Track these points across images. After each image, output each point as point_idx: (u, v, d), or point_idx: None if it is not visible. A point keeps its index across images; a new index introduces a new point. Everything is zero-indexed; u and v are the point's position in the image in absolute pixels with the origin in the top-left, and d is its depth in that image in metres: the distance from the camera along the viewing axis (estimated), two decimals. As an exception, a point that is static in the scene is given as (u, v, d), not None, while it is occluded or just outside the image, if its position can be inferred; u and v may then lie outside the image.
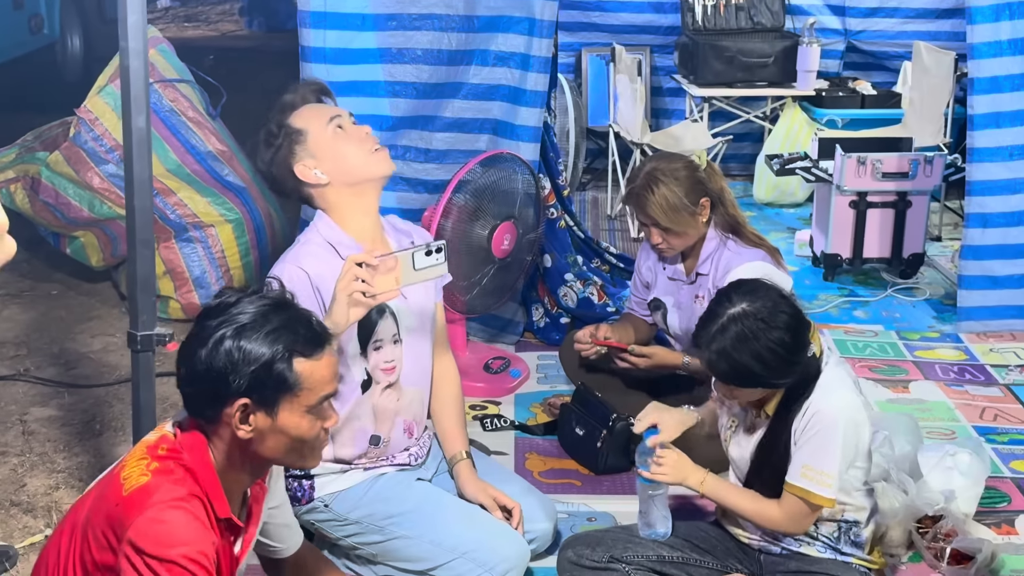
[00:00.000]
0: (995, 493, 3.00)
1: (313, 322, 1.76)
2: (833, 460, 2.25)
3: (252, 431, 1.70)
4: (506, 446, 3.26)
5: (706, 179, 3.08)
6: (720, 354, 2.22)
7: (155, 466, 1.67)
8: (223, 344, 1.67)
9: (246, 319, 1.70)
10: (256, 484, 1.84)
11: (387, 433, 2.53)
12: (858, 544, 2.40)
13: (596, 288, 4.13)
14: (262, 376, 1.68)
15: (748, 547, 2.47)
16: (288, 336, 1.70)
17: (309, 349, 1.72)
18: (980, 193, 4.03)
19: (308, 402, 1.72)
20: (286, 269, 2.39)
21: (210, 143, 4.16)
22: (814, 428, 2.26)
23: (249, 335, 1.68)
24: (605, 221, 5.58)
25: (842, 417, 2.27)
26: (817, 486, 2.26)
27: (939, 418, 3.46)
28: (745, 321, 2.21)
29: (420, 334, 2.56)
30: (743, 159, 6.35)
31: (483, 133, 3.88)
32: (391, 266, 2.26)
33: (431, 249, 2.31)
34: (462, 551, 2.42)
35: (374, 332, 2.46)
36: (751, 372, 2.22)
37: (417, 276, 2.31)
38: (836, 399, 2.28)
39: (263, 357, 1.68)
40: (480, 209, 3.49)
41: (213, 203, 4.13)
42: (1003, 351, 4.00)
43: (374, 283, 2.23)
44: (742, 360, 2.21)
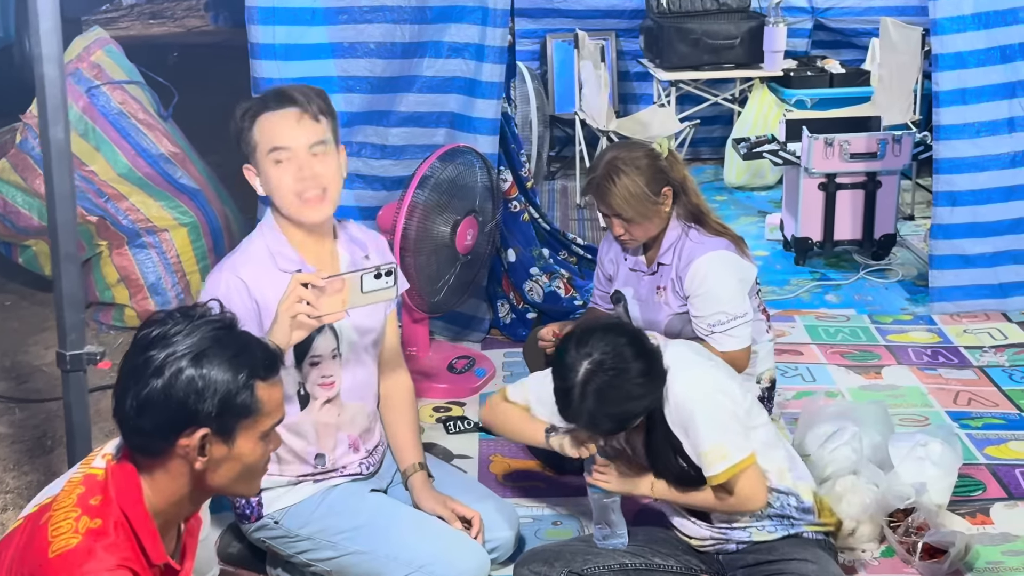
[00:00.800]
0: (969, 481, 2.94)
1: (266, 344, 1.70)
2: (721, 427, 2.25)
3: (207, 462, 1.62)
4: (470, 449, 3.18)
5: (668, 168, 2.99)
6: (597, 418, 2.20)
7: (86, 524, 1.57)
8: (183, 373, 1.58)
9: (204, 345, 1.61)
10: (192, 516, 1.76)
11: (330, 451, 2.44)
12: (806, 509, 2.36)
13: (563, 281, 4.05)
14: (225, 405, 1.60)
15: (704, 553, 2.43)
16: (248, 360, 1.63)
17: (267, 373, 1.66)
18: (948, 171, 3.98)
19: (264, 427, 1.66)
20: (223, 277, 2.30)
21: (162, 145, 4.05)
22: (685, 413, 2.25)
23: (211, 361, 1.59)
24: (574, 211, 5.50)
25: (702, 387, 2.28)
26: (730, 459, 2.23)
27: (912, 404, 3.40)
28: (598, 377, 2.17)
29: (363, 348, 2.47)
30: (713, 143, 6.28)
31: (440, 127, 3.79)
32: (338, 288, 2.17)
33: (380, 272, 2.21)
34: (418, 564, 2.34)
35: (311, 347, 2.37)
36: (632, 413, 2.22)
37: (365, 299, 2.22)
38: (686, 375, 2.28)
39: (227, 384, 1.60)
40: (441, 205, 3.40)
41: (166, 207, 4.02)
42: (977, 332, 3.94)
43: (319, 305, 2.15)
44: (619, 410, 2.19)
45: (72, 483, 1.63)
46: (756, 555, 2.34)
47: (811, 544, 2.33)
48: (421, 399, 3.48)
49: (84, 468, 1.65)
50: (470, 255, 3.53)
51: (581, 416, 2.20)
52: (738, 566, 2.36)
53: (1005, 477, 2.96)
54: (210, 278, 2.34)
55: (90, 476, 1.63)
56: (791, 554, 2.30)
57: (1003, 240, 4.02)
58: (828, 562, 2.30)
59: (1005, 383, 3.54)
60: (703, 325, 2.87)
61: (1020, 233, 4.00)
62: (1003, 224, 4.00)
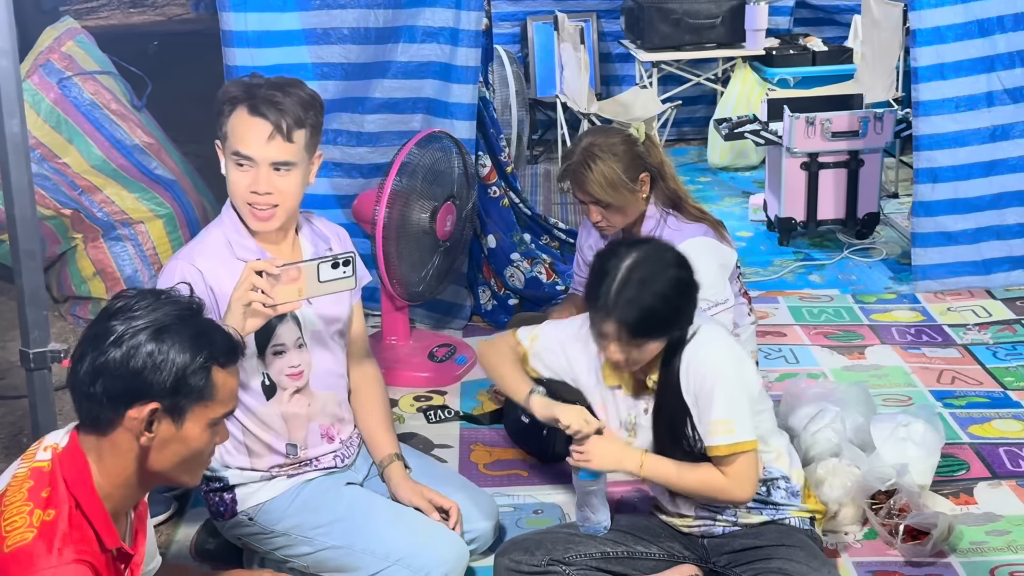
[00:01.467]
0: (953, 461, 2.92)
1: (228, 331, 1.70)
2: (735, 404, 2.21)
3: (153, 438, 1.62)
4: (451, 438, 3.15)
5: (645, 153, 2.96)
6: (629, 303, 2.14)
7: (39, 517, 1.56)
8: (142, 346, 1.59)
9: (165, 322, 1.62)
10: (140, 502, 1.76)
11: (302, 440, 2.41)
12: (795, 494, 2.34)
13: (545, 267, 4.02)
14: (178, 383, 1.61)
15: (690, 535, 2.39)
16: (208, 343, 1.64)
17: (226, 359, 1.66)
18: (928, 148, 3.97)
19: (214, 414, 1.66)
20: (179, 266, 2.28)
21: (136, 136, 4.00)
22: (702, 380, 2.22)
23: (171, 338, 1.61)
24: (557, 195, 5.46)
25: (725, 361, 2.24)
26: (736, 435, 2.20)
27: (895, 384, 3.38)
28: (640, 268, 2.17)
29: (329, 337, 2.44)
30: (696, 123, 6.25)
31: (416, 113, 3.75)
32: (294, 276, 2.15)
33: (338, 261, 2.19)
34: (396, 558, 2.31)
35: (273, 336, 2.34)
36: (658, 316, 2.17)
37: (322, 288, 2.20)
38: (713, 346, 2.25)
39: (185, 362, 1.61)
40: (420, 192, 3.36)
41: (142, 198, 3.98)
42: (961, 310, 3.92)
43: (274, 293, 2.13)
44: (649, 303, 2.15)
45: (18, 479, 1.62)
46: (743, 540, 2.31)
47: (797, 531, 2.31)
48: (402, 388, 3.46)
49: (28, 463, 1.64)
50: (449, 241, 3.50)
51: (616, 303, 2.14)
52: (723, 552, 2.33)
53: (989, 456, 2.95)
54: (166, 266, 2.32)
55: (36, 469, 1.62)
56: (778, 540, 2.27)
57: (985, 216, 4.00)
58: (814, 549, 2.28)
59: (989, 361, 3.52)
60: (683, 309, 2.85)
61: (1002, 208, 3.99)
62: (984, 200, 3.98)
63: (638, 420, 2.34)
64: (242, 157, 2.25)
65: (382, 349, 3.57)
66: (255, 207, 2.28)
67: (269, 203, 2.28)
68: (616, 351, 2.21)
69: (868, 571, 2.50)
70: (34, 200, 2.27)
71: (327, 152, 3.75)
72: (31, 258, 2.23)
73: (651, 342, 2.20)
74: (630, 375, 2.32)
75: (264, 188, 2.26)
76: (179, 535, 2.69)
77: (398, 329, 3.61)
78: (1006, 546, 2.57)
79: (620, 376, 2.33)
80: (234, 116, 2.26)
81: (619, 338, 2.18)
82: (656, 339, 2.20)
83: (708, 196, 5.28)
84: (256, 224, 2.31)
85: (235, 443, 2.38)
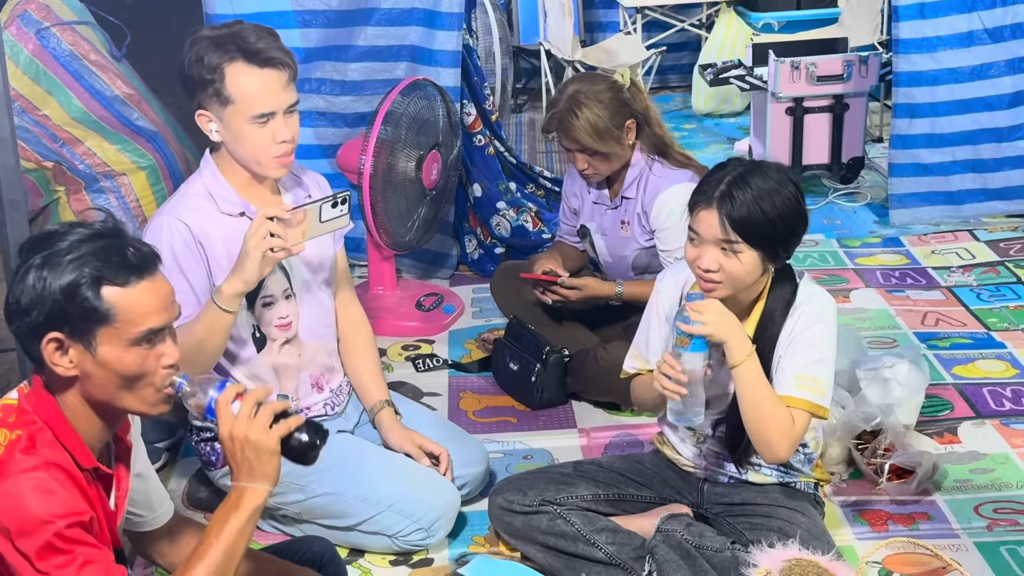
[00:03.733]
0: (937, 401, 2.95)
1: (130, 249, 1.59)
2: (826, 367, 2.14)
3: (74, 367, 1.59)
4: (440, 387, 3.17)
5: (631, 99, 2.96)
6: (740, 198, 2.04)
7: (6, 436, 1.55)
8: (29, 275, 1.56)
9: (60, 247, 1.57)
10: (120, 439, 1.73)
11: (293, 391, 2.42)
12: (810, 461, 2.32)
13: (531, 215, 4.01)
14: (64, 305, 1.55)
15: (690, 476, 2.38)
16: (94, 262, 1.56)
17: (119, 276, 1.57)
18: (907, 84, 4.02)
19: (128, 335, 1.58)
20: (165, 222, 2.26)
21: (116, 87, 3.96)
22: (805, 331, 2.14)
23: (55, 263, 1.56)
24: (542, 143, 5.44)
25: (832, 319, 2.17)
26: (817, 396, 2.12)
27: (880, 326, 3.41)
28: (761, 172, 2.09)
29: (317, 286, 2.45)
30: (681, 70, 6.22)
31: (400, 61, 3.72)
32: (300, 219, 2.19)
33: (337, 200, 2.24)
34: (388, 504, 2.33)
35: (262, 288, 2.34)
36: (768, 215, 2.05)
37: (323, 228, 2.25)
38: (825, 301, 2.19)
39: (64, 285, 1.55)
40: (405, 141, 3.34)
41: (124, 150, 3.94)
42: (945, 252, 3.95)
43: (287, 237, 2.15)
44: (760, 205, 2.04)
45: None
46: (744, 494, 2.29)
47: (802, 496, 2.29)
48: (390, 337, 3.47)
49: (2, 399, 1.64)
50: (435, 190, 3.49)
51: (729, 183, 2.06)
52: (721, 502, 2.31)
53: (972, 396, 2.98)
54: (151, 223, 2.31)
55: (5, 405, 1.61)
56: (780, 501, 2.26)
57: (961, 150, 4.07)
58: (816, 516, 2.28)
59: (973, 302, 3.55)
60: (670, 259, 2.86)
61: (976, 144, 4.04)
62: (960, 135, 4.05)
63: (711, 374, 2.17)
64: (264, 116, 2.22)
65: (369, 299, 3.58)
66: (280, 157, 2.27)
67: (288, 149, 2.28)
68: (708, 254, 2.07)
69: (854, 510, 2.53)
70: (16, 150, 2.25)
71: (311, 101, 3.73)
72: (15, 208, 2.22)
73: (745, 250, 2.07)
74: None
75: (288, 135, 2.26)
76: (171, 485, 2.70)
77: (385, 279, 3.60)
78: (989, 484, 2.61)
79: None
80: (236, 76, 2.19)
81: (717, 234, 2.06)
82: (752, 247, 2.07)
83: (693, 143, 5.27)
84: (279, 171, 2.30)
85: None
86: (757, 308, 2.20)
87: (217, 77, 2.20)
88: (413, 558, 2.42)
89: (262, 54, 2.21)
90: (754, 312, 2.20)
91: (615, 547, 2.27)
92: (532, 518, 2.32)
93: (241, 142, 2.25)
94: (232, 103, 2.21)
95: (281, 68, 2.23)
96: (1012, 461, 2.69)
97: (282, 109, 2.24)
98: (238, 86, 2.20)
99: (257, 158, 2.27)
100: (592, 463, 2.46)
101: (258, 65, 2.20)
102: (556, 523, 2.30)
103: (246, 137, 2.24)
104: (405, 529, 2.35)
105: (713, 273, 2.09)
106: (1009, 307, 3.49)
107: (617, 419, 2.95)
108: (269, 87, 2.21)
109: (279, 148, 2.26)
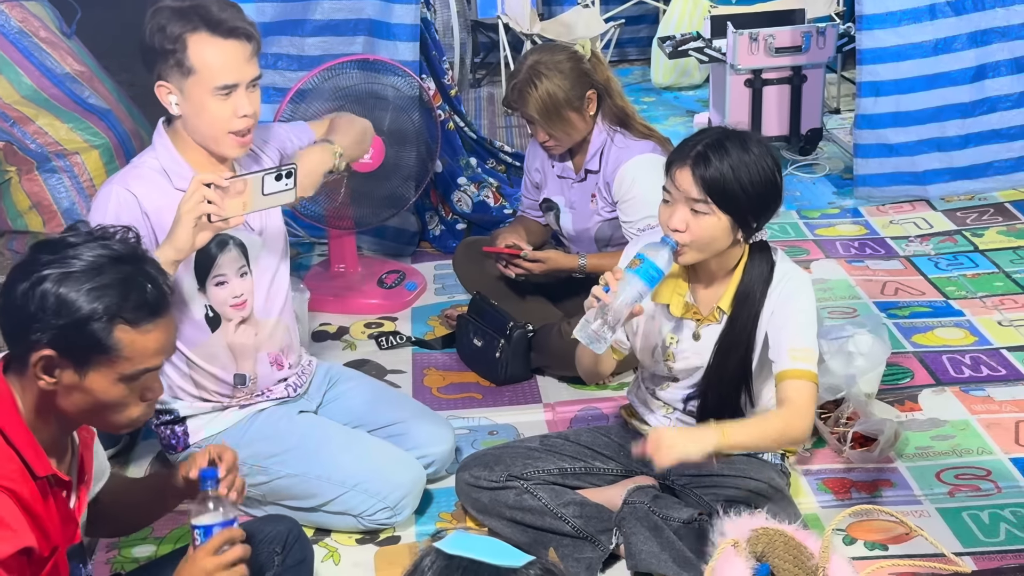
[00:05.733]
0: (897, 369, 2.98)
1: (149, 288, 1.57)
2: (811, 335, 2.15)
3: (55, 384, 1.55)
4: (403, 364, 3.15)
5: (591, 70, 2.94)
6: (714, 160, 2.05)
7: None
8: (42, 285, 1.51)
9: (78, 265, 1.52)
10: (83, 428, 1.70)
11: (251, 370, 2.39)
12: None
13: (492, 190, 3.99)
14: (71, 333, 1.51)
15: None
16: (115, 297, 1.53)
17: (137, 318, 1.54)
18: (871, 61, 3.99)
19: (124, 371, 1.56)
20: (113, 190, 2.21)
21: (67, 64, 3.87)
22: (786, 305, 2.15)
23: (72, 285, 1.51)
24: (502, 118, 5.41)
25: (810, 292, 2.19)
26: (812, 365, 2.12)
27: (840, 297, 3.43)
28: (743, 139, 2.10)
29: (274, 262, 2.41)
30: (640, 43, 6.20)
31: (358, 35, 3.67)
32: (240, 189, 2.11)
33: (281, 174, 2.17)
34: (353, 483, 2.32)
35: (214, 267, 2.30)
36: (735, 186, 2.06)
37: (265, 202, 2.17)
38: (803, 278, 2.21)
39: (78, 313, 1.51)
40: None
41: (76, 128, 3.86)
42: (903, 222, 3.98)
43: (223, 206, 2.08)
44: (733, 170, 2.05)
45: None
46: (711, 465, 2.23)
47: (768, 466, 2.30)
48: (352, 315, 3.44)
49: None
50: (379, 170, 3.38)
51: (706, 144, 2.07)
52: (687, 473, 2.31)
53: (932, 364, 3.01)
54: (100, 191, 2.25)
55: None
56: (747, 472, 2.27)
57: (926, 128, 4.04)
58: (782, 486, 2.29)
59: (931, 271, 3.58)
60: (633, 231, 2.85)
61: (942, 121, 4.03)
62: (926, 112, 4.02)
63: (681, 345, 2.24)
64: (227, 88, 2.17)
65: (330, 277, 3.54)
66: (238, 133, 2.22)
67: (249, 125, 2.23)
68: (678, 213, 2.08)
69: (818, 478, 2.55)
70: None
71: (267, 77, 3.65)
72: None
73: (715, 213, 2.07)
74: (690, 294, 2.22)
75: (250, 109, 2.21)
76: (130, 469, 2.67)
77: (346, 256, 3.57)
78: (950, 450, 2.64)
79: (673, 295, 2.24)
80: (199, 46, 2.15)
81: (688, 193, 2.07)
82: (722, 211, 2.07)
83: (653, 116, 5.26)
84: (237, 150, 2.25)
85: (181, 376, 2.35)
86: (733, 280, 2.20)
87: (179, 47, 2.16)
88: (380, 536, 2.41)
89: (226, 24, 2.16)
90: (730, 284, 2.20)
91: (582, 520, 2.28)
92: (499, 493, 2.32)
93: (201, 115, 2.20)
94: (194, 73, 2.17)
95: (245, 40, 2.19)
96: (972, 427, 2.72)
97: (245, 82, 2.20)
98: (200, 56, 2.16)
99: (215, 133, 2.22)
100: (558, 437, 2.45)
101: (222, 36, 2.16)
102: (523, 498, 2.30)
103: (206, 109, 2.19)
104: (371, 508, 2.34)
105: (681, 233, 2.10)
106: (967, 275, 3.53)
107: (582, 393, 2.95)
108: (233, 58, 2.17)
109: (240, 123, 2.21)
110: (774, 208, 2.18)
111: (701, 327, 2.23)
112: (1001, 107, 4.01)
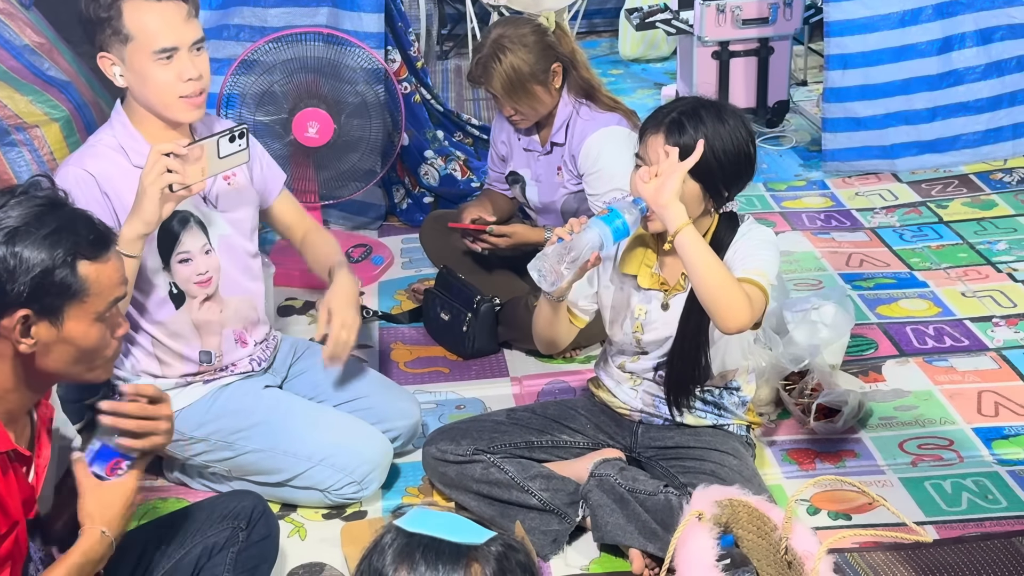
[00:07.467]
0: (862, 340, 3.00)
1: (95, 221, 1.60)
2: (771, 265, 2.15)
3: (35, 344, 1.55)
4: (370, 338, 3.14)
5: (556, 43, 2.92)
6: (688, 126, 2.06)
7: None
8: None
9: (17, 222, 1.52)
10: (42, 404, 1.69)
11: (216, 347, 2.37)
12: (743, 404, 2.35)
13: (459, 163, 3.97)
14: (43, 283, 1.52)
15: (624, 420, 2.38)
16: (69, 238, 1.54)
17: (94, 251, 1.57)
18: (839, 34, 3.99)
19: (97, 308, 1.58)
20: (70, 172, 2.19)
21: (25, 36, 3.80)
22: (747, 246, 2.15)
23: (24, 239, 1.51)
24: (469, 91, 5.37)
25: (773, 239, 2.21)
26: (762, 278, 2.11)
27: (806, 268, 3.45)
28: (719, 108, 2.12)
29: (238, 239, 2.38)
30: (607, 14, 6.17)
31: (322, 6, 3.62)
32: (197, 155, 2.11)
33: (234, 135, 2.17)
34: (319, 458, 2.31)
35: (177, 244, 2.28)
36: (711, 152, 2.06)
37: (222, 165, 2.18)
38: (766, 230, 2.22)
39: (43, 263, 1.52)
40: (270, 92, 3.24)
41: (35, 101, 3.78)
42: (868, 194, 4.00)
43: (185, 173, 2.07)
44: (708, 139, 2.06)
45: None
46: (677, 437, 2.31)
47: (734, 438, 2.31)
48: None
49: None
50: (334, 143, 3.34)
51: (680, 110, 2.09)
52: (654, 445, 2.32)
53: (896, 335, 3.04)
54: (56, 173, 2.22)
55: None
56: (713, 444, 2.28)
57: (894, 101, 4.05)
58: (747, 458, 2.30)
59: (896, 243, 3.61)
60: (599, 203, 2.84)
61: (910, 94, 4.04)
62: (893, 85, 4.03)
63: (650, 316, 2.24)
64: (166, 51, 2.14)
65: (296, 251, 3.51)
66: (188, 97, 2.19)
67: (199, 88, 2.20)
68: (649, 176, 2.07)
69: (782, 449, 2.57)
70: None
71: (229, 48, 3.62)
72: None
73: (686, 180, 2.06)
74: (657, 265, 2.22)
75: (196, 71, 2.17)
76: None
77: (312, 230, 3.53)
78: (913, 420, 2.66)
79: (641, 266, 2.24)
80: (134, 11, 2.12)
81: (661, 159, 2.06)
82: (693, 178, 2.07)
83: (620, 88, 5.25)
84: (189, 115, 2.21)
85: (146, 355, 2.33)
86: None
87: (114, 14, 2.13)
88: (346, 511, 2.41)
89: None
90: None
91: (549, 493, 2.28)
92: (466, 467, 2.32)
93: (146, 83, 2.17)
94: (132, 39, 2.14)
95: (181, 0, 2.15)
96: (935, 398, 2.75)
97: (186, 45, 2.16)
98: (136, 21, 2.13)
99: (163, 99, 2.19)
100: (525, 410, 2.46)
101: None
102: (490, 471, 2.30)
103: (149, 76, 2.16)
104: (337, 483, 2.33)
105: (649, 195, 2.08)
106: (931, 247, 3.56)
107: (549, 366, 2.95)
108: (169, 19, 2.14)
109: (187, 87, 2.17)
110: (747, 179, 2.19)
111: (669, 297, 2.23)
112: (968, 79, 4.02)
